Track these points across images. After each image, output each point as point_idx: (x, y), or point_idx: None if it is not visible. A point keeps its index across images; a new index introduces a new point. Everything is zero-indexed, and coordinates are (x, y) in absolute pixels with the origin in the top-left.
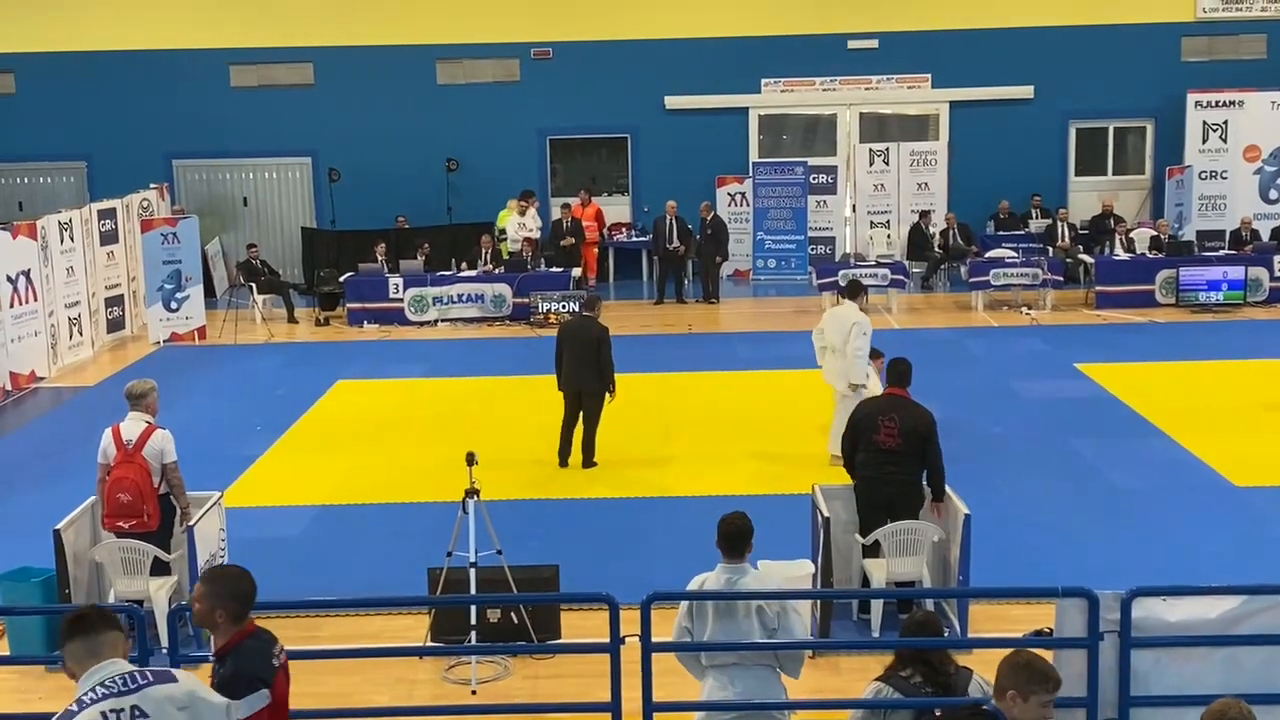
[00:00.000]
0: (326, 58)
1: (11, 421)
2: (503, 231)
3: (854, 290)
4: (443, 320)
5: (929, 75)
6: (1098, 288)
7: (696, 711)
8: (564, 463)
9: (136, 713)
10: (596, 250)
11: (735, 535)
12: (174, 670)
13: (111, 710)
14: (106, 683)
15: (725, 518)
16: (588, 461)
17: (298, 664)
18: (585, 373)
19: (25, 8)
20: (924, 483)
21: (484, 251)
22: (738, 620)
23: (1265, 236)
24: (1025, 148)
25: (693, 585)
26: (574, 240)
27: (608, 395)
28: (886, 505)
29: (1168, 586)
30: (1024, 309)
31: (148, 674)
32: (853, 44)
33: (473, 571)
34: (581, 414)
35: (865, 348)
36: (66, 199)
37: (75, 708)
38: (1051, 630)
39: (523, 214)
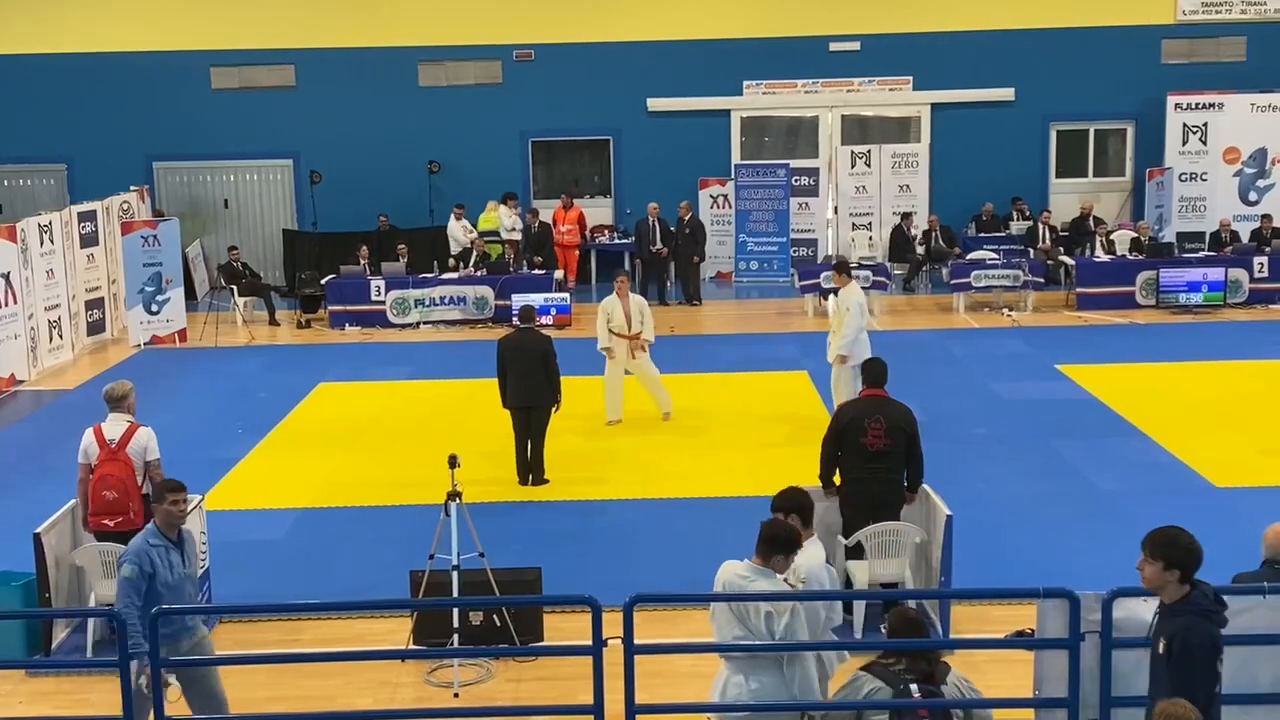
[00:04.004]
0: (308, 59)
1: None
2: (485, 232)
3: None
4: (425, 323)
5: (910, 77)
6: (1078, 289)
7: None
8: (525, 480)
9: None
10: (577, 254)
11: (773, 540)
12: None
13: None
14: None
15: (769, 522)
16: (539, 479)
17: (280, 667)
18: (533, 387)
19: (4, 9)
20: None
21: (474, 254)
22: (748, 620)
23: (1245, 238)
24: (1006, 150)
25: (720, 572)
26: (539, 255)
27: (554, 407)
28: (872, 504)
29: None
30: (1005, 311)
31: None
32: (834, 46)
33: (455, 574)
34: (528, 429)
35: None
36: (46, 201)
37: None
38: (1033, 631)
39: (460, 220)
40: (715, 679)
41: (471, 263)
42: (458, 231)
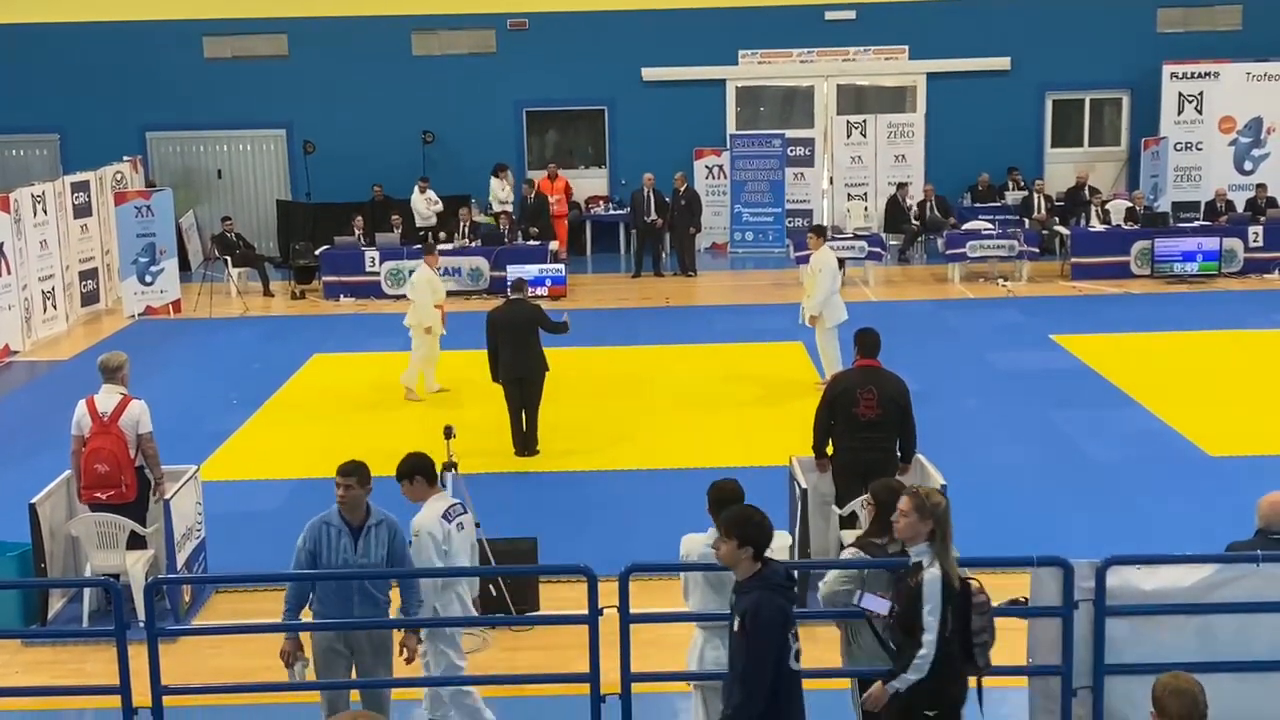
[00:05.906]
0: (301, 29)
1: None
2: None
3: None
4: None
5: (906, 47)
6: (1073, 259)
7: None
8: (520, 452)
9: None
10: (566, 223)
11: (721, 502)
12: None
13: None
14: None
15: (715, 483)
16: (531, 449)
17: (276, 637)
18: (526, 358)
19: None
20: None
21: (462, 224)
22: (725, 589)
23: (1240, 208)
24: (1002, 119)
25: (682, 545)
26: (536, 227)
27: (564, 328)
28: (865, 474)
29: (1142, 555)
30: (1000, 281)
31: None
32: (830, 15)
33: None
34: (523, 401)
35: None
36: (39, 172)
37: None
38: (1027, 599)
39: (424, 193)
40: (690, 647)
41: (465, 233)
42: (420, 205)
